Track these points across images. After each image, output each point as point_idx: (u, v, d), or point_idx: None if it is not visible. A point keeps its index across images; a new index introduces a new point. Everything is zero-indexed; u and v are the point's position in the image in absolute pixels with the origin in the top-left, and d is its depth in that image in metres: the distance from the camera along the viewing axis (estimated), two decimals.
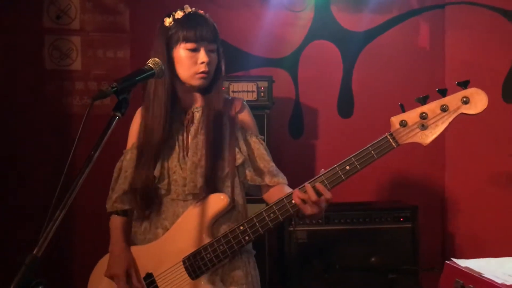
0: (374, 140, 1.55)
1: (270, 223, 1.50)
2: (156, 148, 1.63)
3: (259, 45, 3.58)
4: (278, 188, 1.68)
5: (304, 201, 1.47)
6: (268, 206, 1.55)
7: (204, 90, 1.70)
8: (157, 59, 1.42)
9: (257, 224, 1.50)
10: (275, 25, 3.62)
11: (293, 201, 1.49)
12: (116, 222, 1.76)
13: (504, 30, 3.56)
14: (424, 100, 1.43)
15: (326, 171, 1.51)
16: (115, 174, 1.78)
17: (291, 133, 3.70)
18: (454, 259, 1.18)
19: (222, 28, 3.37)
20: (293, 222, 2.99)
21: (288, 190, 1.66)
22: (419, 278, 3.21)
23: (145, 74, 1.33)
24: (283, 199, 1.52)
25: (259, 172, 1.69)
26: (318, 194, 1.46)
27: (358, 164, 1.48)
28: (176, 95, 1.70)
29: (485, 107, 1.40)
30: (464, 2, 3.69)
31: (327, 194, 1.47)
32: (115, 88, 1.21)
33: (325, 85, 3.74)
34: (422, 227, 3.27)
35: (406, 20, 3.78)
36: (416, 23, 3.80)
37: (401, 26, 3.77)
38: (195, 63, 1.61)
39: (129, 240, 1.73)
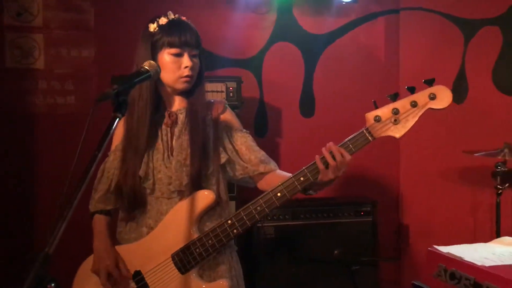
0: (351, 135, 1.65)
1: (257, 215, 1.57)
2: (141, 149, 1.67)
3: (224, 46, 3.64)
4: (272, 175, 1.75)
5: (327, 165, 1.53)
6: (254, 200, 1.61)
7: (187, 93, 1.75)
8: (152, 62, 1.46)
9: (244, 217, 1.57)
10: (240, 27, 3.70)
11: (330, 162, 1.54)
12: (99, 221, 1.79)
13: (454, 35, 3.81)
14: (394, 97, 1.55)
15: (307, 166, 1.61)
16: (98, 175, 1.80)
17: (256, 132, 3.79)
18: (435, 246, 1.30)
19: None
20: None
21: (281, 173, 1.74)
22: (379, 268, 3.40)
23: (143, 76, 1.38)
24: (291, 179, 1.58)
25: (251, 163, 1.75)
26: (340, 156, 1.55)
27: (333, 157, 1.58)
28: (159, 98, 1.75)
29: (450, 102, 1.53)
30: (418, 8, 3.92)
31: (348, 156, 1.55)
32: (116, 90, 1.24)
33: (288, 86, 3.87)
34: (379, 220, 3.47)
35: (364, 23, 3.97)
36: (373, 26, 3.99)
37: (359, 29, 3.96)
38: (179, 67, 1.67)
39: (113, 238, 1.76)
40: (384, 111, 1.50)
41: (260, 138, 3.79)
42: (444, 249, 1.22)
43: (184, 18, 1.79)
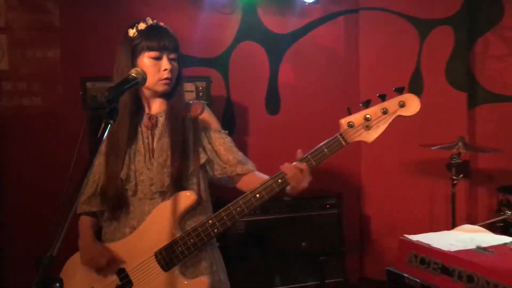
0: (326, 139, 1.74)
1: (237, 215, 1.65)
2: (121, 152, 1.72)
3: (191, 45, 3.68)
4: (250, 176, 1.82)
5: (300, 174, 1.61)
6: (234, 202, 1.67)
7: (167, 95, 1.81)
8: (139, 69, 1.52)
9: (225, 217, 1.64)
10: (206, 26, 3.75)
11: (288, 176, 1.61)
12: (84, 221, 1.83)
13: (410, 34, 4.02)
14: (367, 104, 1.63)
15: (301, 156, 1.69)
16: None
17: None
18: (406, 235, 1.42)
19: None
20: None
21: (259, 175, 1.82)
22: (345, 258, 3.56)
23: (132, 83, 1.43)
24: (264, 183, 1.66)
25: (229, 163, 1.81)
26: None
27: (313, 161, 1.66)
28: (139, 101, 1.80)
29: (418, 109, 1.62)
30: (376, 8, 4.10)
31: (305, 168, 1.62)
32: (108, 98, 1.30)
33: (254, 84, 3.97)
34: (344, 212, 3.62)
35: (325, 22, 4.11)
36: (334, 25, 4.14)
37: (321, 29, 4.10)
38: (159, 70, 1.72)
39: (98, 237, 1.81)
40: (357, 118, 1.59)
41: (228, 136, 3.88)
42: (414, 237, 1.35)
43: (162, 23, 1.84)
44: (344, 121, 1.63)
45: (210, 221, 1.67)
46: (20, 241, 3.25)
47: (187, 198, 1.70)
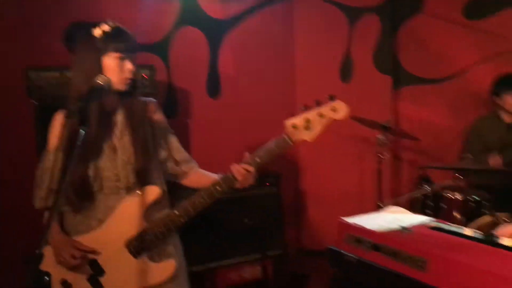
0: (274, 139, 1.93)
1: (200, 206, 1.83)
2: (85, 150, 1.82)
3: (130, 31, 3.71)
4: (196, 172, 2.04)
5: (247, 173, 1.84)
6: (198, 193, 1.85)
7: (124, 94, 1.92)
8: (104, 76, 1.63)
9: (189, 208, 1.82)
10: (145, 12, 3.79)
11: (237, 177, 1.84)
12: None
13: (341, 22, 4.29)
14: (305, 108, 1.87)
15: (248, 158, 1.88)
16: (39, 173, 1.90)
17: (165, 114, 3.95)
18: (343, 218, 1.67)
19: (92, 13, 3.47)
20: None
21: (205, 172, 2.03)
22: (284, 232, 3.85)
23: (98, 91, 1.55)
24: (215, 183, 1.86)
25: (177, 162, 2.01)
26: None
27: (265, 156, 1.87)
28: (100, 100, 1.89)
29: (346, 114, 1.87)
30: None
31: (251, 169, 1.86)
32: (79, 107, 1.41)
33: (195, 69, 4.08)
34: (283, 189, 3.90)
35: (262, 9, 4.28)
36: (271, 11, 4.31)
37: (258, 14, 4.26)
38: (122, 70, 1.83)
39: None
40: (299, 120, 1.83)
41: (170, 119, 3.98)
42: (350, 220, 1.60)
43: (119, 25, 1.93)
44: (288, 123, 1.85)
45: (176, 212, 1.85)
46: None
47: (153, 192, 1.85)
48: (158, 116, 2.01)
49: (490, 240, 1.35)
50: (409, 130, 4.06)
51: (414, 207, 3.51)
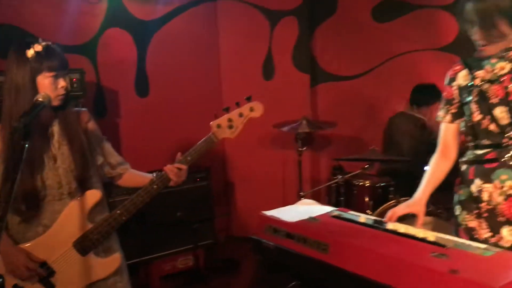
0: (202, 139, 2.17)
1: (140, 204, 2.04)
2: (29, 162, 1.92)
3: (58, 33, 3.77)
4: (129, 173, 2.22)
5: (180, 171, 2.07)
6: (138, 192, 2.05)
7: (58, 107, 2.06)
8: (45, 93, 1.78)
9: (130, 207, 2.00)
10: (72, 14, 3.85)
11: (171, 176, 2.05)
12: None
13: (262, 24, 4.57)
14: (227, 110, 2.13)
15: (180, 158, 2.10)
16: None
17: (95, 114, 4.04)
18: (263, 211, 1.93)
19: (19, 16, 3.49)
20: (112, 194, 3.47)
21: (137, 172, 2.23)
22: (214, 224, 4.11)
23: (40, 107, 1.70)
24: (152, 182, 2.06)
25: (112, 166, 2.18)
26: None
27: (195, 154, 2.12)
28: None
29: (262, 112, 2.15)
30: None
31: (183, 167, 2.09)
32: (23, 123, 1.56)
33: (123, 69, 4.19)
34: (213, 183, 4.15)
35: (187, 10, 4.46)
36: (195, 12, 4.51)
37: (183, 16, 4.44)
38: (56, 87, 1.95)
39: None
40: (222, 120, 2.09)
41: (99, 119, 4.09)
42: (268, 213, 1.87)
43: (50, 43, 2.06)
44: (214, 124, 2.12)
45: (118, 211, 2.03)
46: None
47: (94, 196, 2.02)
48: (91, 125, 2.15)
49: (378, 226, 1.69)
50: (326, 123, 4.45)
51: (330, 194, 3.91)
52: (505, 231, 1.88)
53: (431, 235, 1.55)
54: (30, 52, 1.93)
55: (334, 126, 4.18)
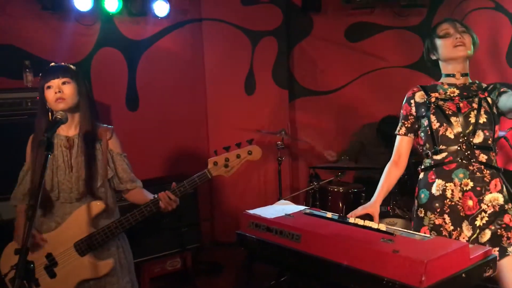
0: (198, 173, 2.36)
1: (133, 222, 2.31)
2: (50, 168, 2.24)
3: (55, 52, 4.08)
4: (137, 191, 2.47)
5: (170, 200, 2.32)
6: (133, 212, 2.31)
7: (81, 120, 2.32)
8: (62, 112, 2.11)
9: (131, 218, 2.31)
10: (68, 35, 4.17)
11: (161, 204, 2.30)
12: (21, 211, 2.35)
13: (244, 43, 4.93)
14: (227, 149, 2.34)
15: (174, 188, 2.35)
16: (19, 181, 2.34)
17: None
18: (247, 210, 2.24)
19: (20, 38, 3.79)
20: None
21: (144, 191, 2.47)
22: (200, 227, 4.42)
23: (59, 123, 2.03)
24: (146, 205, 2.32)
25: (122, 180, 2.44)
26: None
27: (188, 187, 2.36)
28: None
29: (260, 156, 2.33)
30: (216, 19, 4.91)
31: (173, 197, 2.34)
32: (47, 137, 1.88)
33: (115, 85, 4.51)
34: (198, 190, 4.45)
35: (174, 30, 4.80)
36: (182, 32, 4.85)
37: (171, 35, 4.78)
38: (53, 95, 2.23)
39: None
40: (220, 159, 2.30)
41: None
42: (251, 211, 2.19)
43: (63, 63, 2.37)
44: (211, 161, 2.31)
45: (114, 225, 2.31)
46: None
47: (97, 206, 2.32)
48: (112, 141, 2.43)
49: (342, 220, 2.03)
50: (303, 135, 4.82)
51: (307, 199, 4.25)
52: (464, 226, 2.19)
53: (383, 227, 1.90)
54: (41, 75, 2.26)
55: (311, 136, 4.55)
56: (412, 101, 2.37)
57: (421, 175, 2.37)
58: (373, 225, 1.95)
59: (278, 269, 3.93)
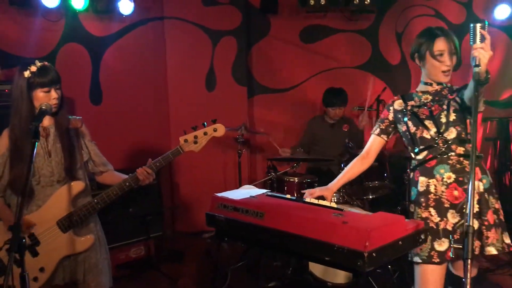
0: (171, 150, 2.63)
1: (113, 196, 2.52)
2: (26, 156, 2.37)
3: (20, 47, 4.18)
4: (110, 173, 2.70)
5: (147, 174, 2.56)
6: (113, 187, 2.52)
7: (54, 113, 2.50)
8: (47, 103, 2.29)
9: (105, 198, 2.49)
10: (34, 30, 4.28)
11: (139, 177, 2.56)
12: (1, 201, 2.49)
13: (205, 42, 5.16)
14: (195, 129, 2.62)
15: (150, 163, 2.61)
16: None
17: None
18: (216, 193, 2.49)
19: None
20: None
21: (116, 173, 2.70)
22: (163, 217, 4.62)
23: (45, 113, 2.22)
24: (125, 180, 2.55)
25: (96, 163, 2.65)
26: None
27: (163, 161, 2.62)
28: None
29: (224, 132, 2.64)
30: (177, 18, 5.11)
31: (150, 171, 2.58)
32: (36, 125, 2.07)
33: (78, 79, 4.63)
34: (161, 180, 4.67)
35: (137, 28, 4.96)
36: (144, 30, 5.01)
37: (134, 32, 4.93)
38: (49, 99, 2.40)
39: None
40: (189, 136, 2.59)
41: None
42: (220, 194, 2.45)
43: (46, 63, 2.53)
44: (182, 139, 2.60)
45: (95, 200, 2.51)
46: None
47: (78, 185, 2.51)
48: (83, 129, 2.63)
49: (299, 200, 2.34)
50: (261, 129, 5.11)
51: (265, 188, 4.55)
52: (449, 214, 2.38)
53: (334, 205, 2.22)
54: (27, 73, 2.41)
55: (268, 130, 4.85)
56: (391, 108, 2.63)
57: (411, 175, 2.60)
58: (326, 203, 2.27)
59: (242, 251, 4.22)
